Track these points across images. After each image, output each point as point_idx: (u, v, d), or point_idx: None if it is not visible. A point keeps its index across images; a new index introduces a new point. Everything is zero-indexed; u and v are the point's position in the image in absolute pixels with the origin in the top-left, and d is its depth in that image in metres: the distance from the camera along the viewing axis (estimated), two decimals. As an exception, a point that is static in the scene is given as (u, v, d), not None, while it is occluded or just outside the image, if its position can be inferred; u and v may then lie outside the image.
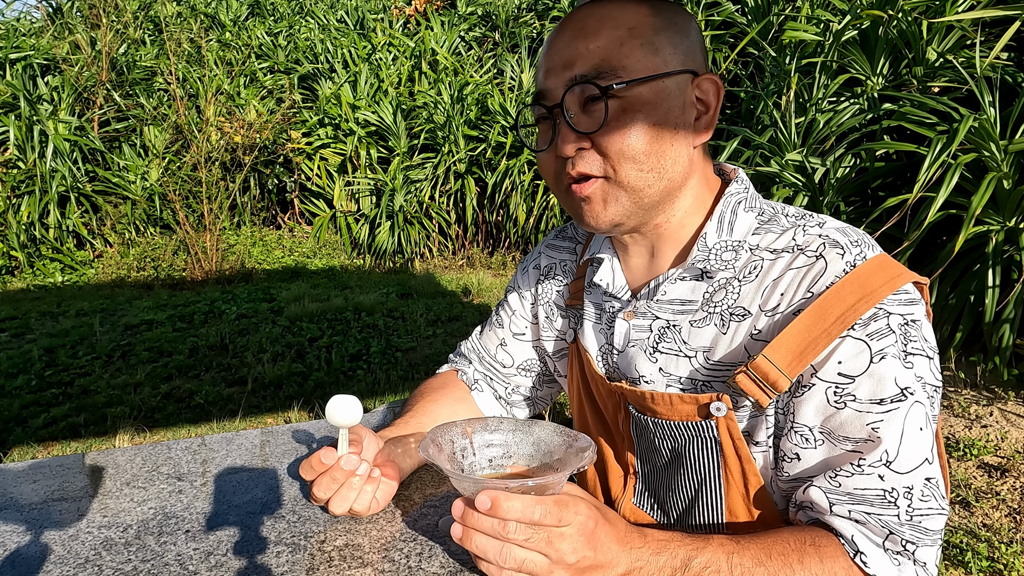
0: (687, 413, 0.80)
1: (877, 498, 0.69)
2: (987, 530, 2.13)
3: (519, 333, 1.07)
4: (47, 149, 6.10)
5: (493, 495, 0.63)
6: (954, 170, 2.85)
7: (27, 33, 7.41)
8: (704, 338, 0.80)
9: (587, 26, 0.76)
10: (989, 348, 2.93)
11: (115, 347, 4.14)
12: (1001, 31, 3.20)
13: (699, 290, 0.81)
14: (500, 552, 0.63)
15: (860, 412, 0.70)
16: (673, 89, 0.76)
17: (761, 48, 4.64)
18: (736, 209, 0.81)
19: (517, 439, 0.77)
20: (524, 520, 0.63)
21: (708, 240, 0.80)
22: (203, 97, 6.79)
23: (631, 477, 0.92)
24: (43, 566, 0.75)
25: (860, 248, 0.75)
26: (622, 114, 0.74)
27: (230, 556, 0.76)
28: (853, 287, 0.71)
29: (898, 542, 0.69)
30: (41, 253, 6.10)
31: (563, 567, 0.64)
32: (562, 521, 0.64)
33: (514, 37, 7.93)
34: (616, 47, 0.74)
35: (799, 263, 0.75)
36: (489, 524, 0.63)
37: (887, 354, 0.69)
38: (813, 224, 0.78)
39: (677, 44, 0.77)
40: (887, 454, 0.69)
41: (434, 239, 6.82)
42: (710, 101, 0.79)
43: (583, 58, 0.75)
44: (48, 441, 3.04)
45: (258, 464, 0.99)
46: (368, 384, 3.60)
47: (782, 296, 0.75)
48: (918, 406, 0.70)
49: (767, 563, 0.68)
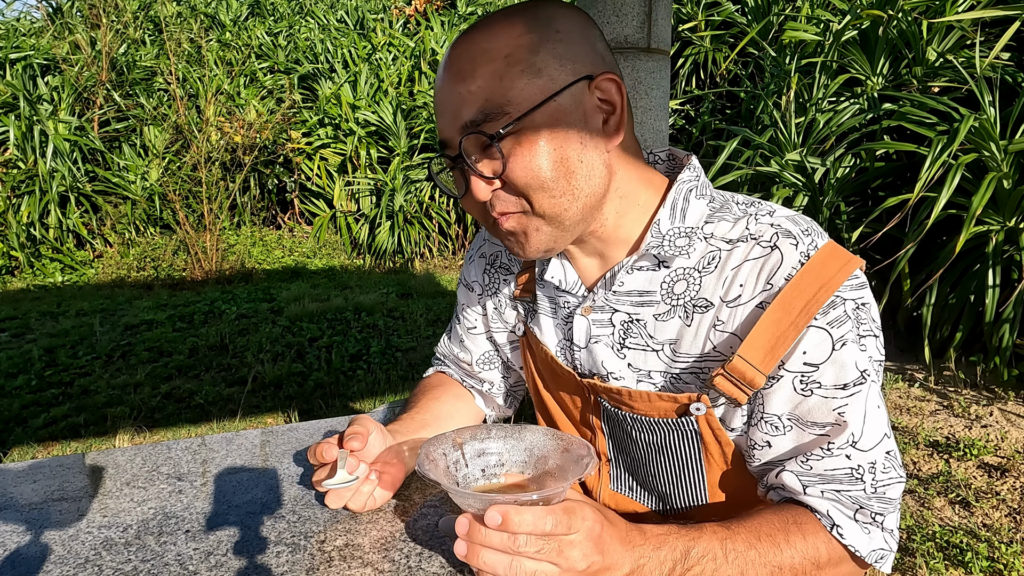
0: (665, 410, 0.81)
1: (846, 476, 0.75)
2: (987, 530, 2.13)
3: (471, 327, 1.06)
4: (47, 149, 6.10)
5: (503, 509, 0.63)
6: (955, 170, 2.85)
7: (27, 33, 7.41)
8: (669, 331, 0.81)
9: (462, 68, 0.73)
10: (989, 348, 2.93)
11: (115, 347, 4.14)
12: (1001, 31, 3.20)
13: (656, 280, 0.81)
14: (510, 566, 0.63)
15: (826, 398, 0.74)
16: (568, 104, 0.73)
17: (761, 48, 4.64)
18: (688, 196, 0.80)
19: (509, 446, 0.77)
20: (536, 532, 0.63)
21: (661, 227, 0.79)
22: (203, 97, 6.79)
23: (604, 464, 0.94)
24: (43, 566, 0.75)
25: (811, 237, 0.76)
26: (519, 148, 0.72)
27: (230, 556, 0.76)
28: (811, 277, 0.73)
29: (867, 514, 0.75)
30: (41, 253, 6.10)
31: (574, 574, 0.64)
32: (572, 528, 0.64)
33: (514, 37, 7.93)
34: (495, 83, 0.71)
35: (755, 253, 0.77)
36: (499, 539, 0.63)
37: (847, 340, 0.73)
38: (764, 213, 0.79)
39: (561, 54, 0.73)
40: (853, 435, 0.74)
41: (434, 239, 6.82)
42: (614, 99, 0.75)
43: (467, 103, 0.72)
44: (48, 441, 3.04)
45: (258, 464, 0.99)
46: (368, 384, 3.60)
47: (742, 287, 0.77)
48: (874, 385, 0.75)
49: (757, 545, 0.72)
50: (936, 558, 2.00)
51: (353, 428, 0.84)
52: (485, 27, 0.75)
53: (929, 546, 2.05)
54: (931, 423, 2.72)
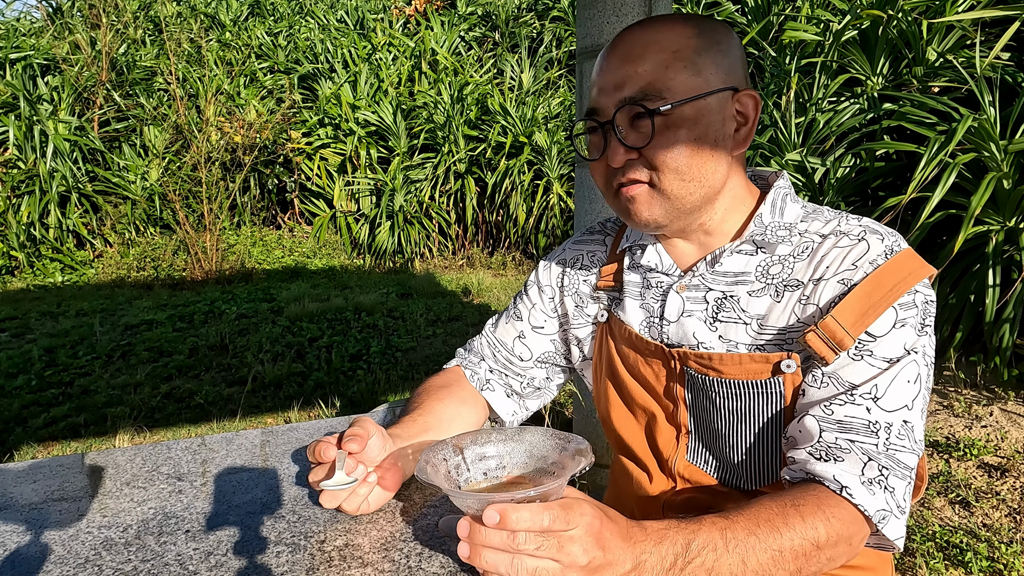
0: (756, 371, 0.87)
1: (862, 426, 0.79)
2: (987, 530, 2.13)
3: (538, 326, 1.11)
4: (47, 149, 6.10)
5: (500, 508, 0.63)
6: (951, 170, 2.85)
7: (27, 33, 7.41)
8: (760, 307, 0.88)
9: (634, 50, 0.84)
10: (989, 348, 2.93)
11: (115, 347, 4.14)
12: (1001, 31, 3.20)
13: (753, 263, 0.90)
14: (511, 565, 0.64)
15: (871, 366, 0.81)
16: (714, 105, 0.84)
17: (761, 48, 4.64)
18: (785, 199, 0.92)
19: (509, 448, 0.78)
20: (534, 529, 0.63)
21: (764, 219, 0.90)
22: (203, 97, 6.79)
23: (683, 436, 0.96)
24: (43, 566, 0.75)
25: (895, 238, 0.86)
26: (666, 131, 0.83)
27: (230, 556, 0.76)
28: (902, 264, 0.83)
29: (875, 468, 0.78)
30: (41, 253, 6.10)
31: (575, 570, 0.64)
32: (570, 524, 0.64)
33: (514, 37, 7.93)
34: (661, 70, 0.83)
35: (844, 243, 0.86)
36: (499, 538, 0.64)
37: (908, 323, 0.81)
38: (853, 218, 0.90)
39: (719, 63, 0.85)
40: (876, 389, 0.80)
41: (434, 239, 6.82)
42: (749, 114, 0.87)
43: (631, 80, 0.83)
44: (48, 441, 3.05)
45: (258, 464, 0.99)
46: (368, 384, 3.60)
47: (827, 268, 0.85)
48: (914, 365, 0.81)
49: (757, 532, 0.73)
50: (936, 558, 2.00)
51: (353, 429, 0.84)
52: (663, 22, 0.87)
53: (929, 546, 2.06)
54: (931, 423, 2.72)
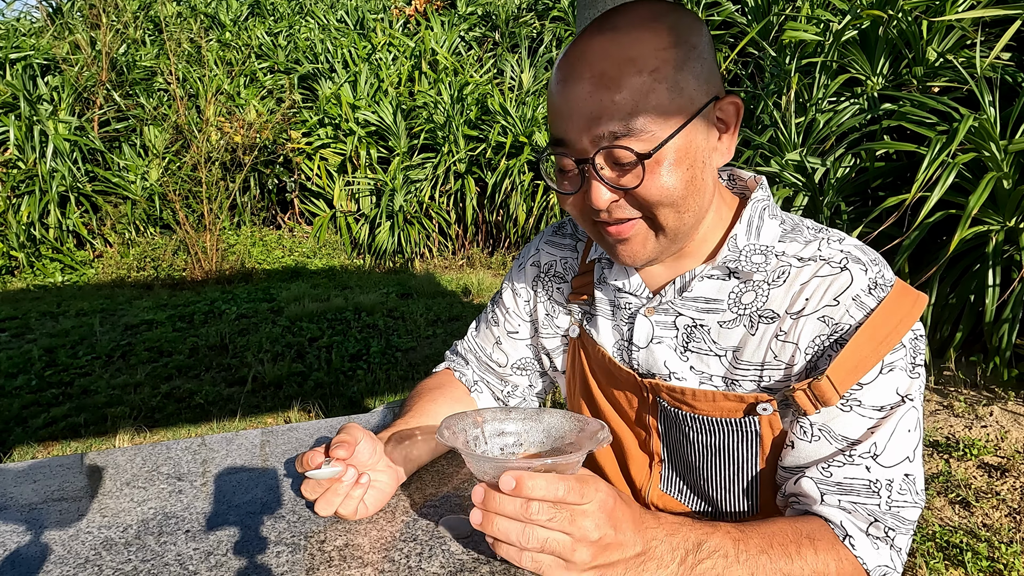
0: (730, 410, 0.82)
1: (863, 488, 0.76)
2: (987, 530, 2.13)
3: (513, 331, 1.07)
4: (47, 149, 6.10)
5: (517, 475, 0.62)
6: (951, 170, 2.85)
7: (27, 33, 7.41)
8: (733, 338, 0.82)
9: (607, 72, 0.71)
10: (989, 348, 2.93)
11: (115, 347, 4.14)
12: (1001, 31, 3.20)
13: (724, 289, 0.83)
14: (523, 533, 0.63)
15: (863, 417, 0.76)
16: (701, 125, 0.75)
17: (761, 48, 4.64)
18: (763, 215, 0.83)
19: (528, 427, 0.77)
20: (548, 498, 0.62)
21: (738, 242, 0.82)
22: (203, 97, 6.79)
23: (656, 465, 0.93)
24: (43, 566, 0.75)
25: (879, 267, 0.79)
26: (657, 167, 0.73)
27: (230, 556, 0.76)
28: (895, 308, 0.76)
29: (881, 528, 0.75)
30: (41, 253, 6.10)
31: (585, 544, 0.64)
32: (584, 498, 0.64)
33: (514, 37, 7.93)
34: (641, 98, 0.71)
35: (824, 271, 0.79)
36: (512, 506, 0.63)
37: (896, 367, 0.75)
38: (835, 239, 0.82)
39: (698, 74, 0.74)
40: (875, 447, 0.75)
41: (434, 239, 6.82)
42: (730, 121, 0.78)
43: (608, 113, 0.71)
44: (48, 441, 3.04)
45: (258, 464, 0.99)
46: (368, 384, 3.60)
47: (807, 301, 0.79)
48: (913, 411, 0.76)
49: (769, 551, 0.72)
50: (936, 558, 2.00)
51: (340, 437, 0.82)
52: (629, 30, 0.73)
53: (929, 546, 2.06)
54: (931, 423, 2.72)
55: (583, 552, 0.63)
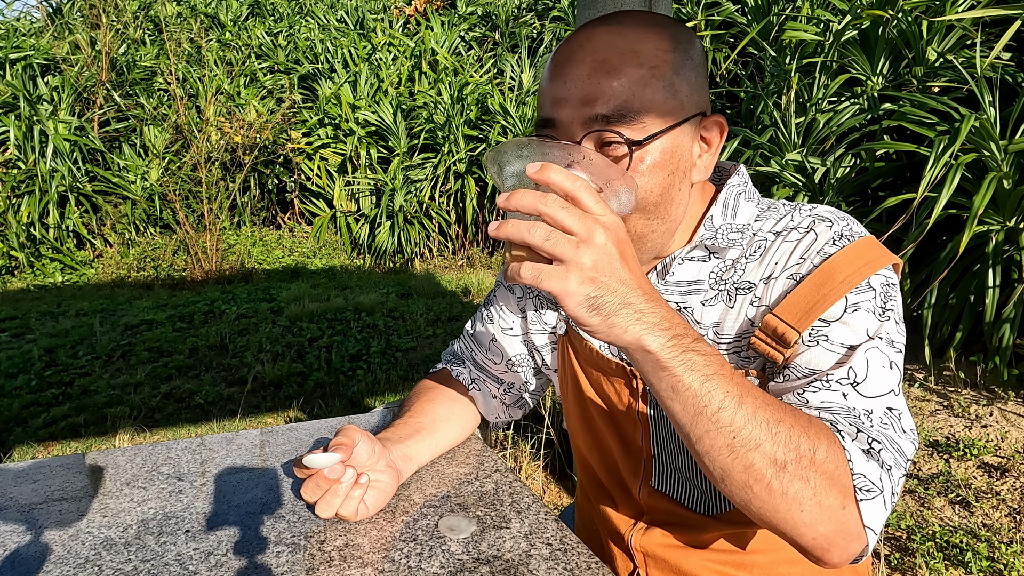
0: None
1: (842, 411, 0.69)
2: (987, 530, 2.13)
3: (507, 328, 1.07)
4: (47, 149, 6.10)
5: (547, 164, 0.60)
6: (955, 170, 2.85)
7: (27, 33, 7.41)
8: (714, 314, 0.83)
9: (608, 59, 0.73)
10: (989, 348, 2.93)
11: (115, 347, 4.14)
12: (1001, 31, 3.20)
13: (705, 270, 0.83)
14: (530, 229, 0.59)
15: (830, 352, 0.73)
16: (686, 134, 0.76)
17: (761, 48, 4.64)
18: (738, 198, 0.84)
19: None
20: (568, 190, 0.60)
21: (714, 222, 0.82)
22: (203, 97, 6.79)
23: (648, 461, 0.93)
24: (43, 566, 0.75)
25: (847, 222, 0.79)
26: (639, 164, 0.73)
27: (230, 556, 0.76)
28: (858, 253, 0.75)
29: (864, 440, 0.67)
30: (41, 253, 6.10)
31: (587, 247, 0.59)
32: (604, 212, 0.61)
33: (514, 37, 7.93)
34: (639, 88, 0.72)
35: (793, 237, 0.80)
36: (529, 198, 0.60)
37: (861, 307, 0.73)
38: (806, 209, 0.83)
39: (692, 83, 0.76)
40: (854, 373, 0.70)
41: (434, 239, 6.82)
42: (713, 141, 0.79)
43: (604, 96, 0.72)
44: (48, 441, 3.04)
45: (258, 464, 0.99)
46: (368, 384, 3.60)
47: (776, 264, 0.79)
48: (888, 349, 0.72)
49: (769, 403, 0.65)
50: (936, 558, 2.00)
51: (338, 439, 0.82)
52: (634, 27, 0.75)
53: (929, 546, 2.05)
54: (931, 423, 2.72)
55: (585, 254, 0.59)
